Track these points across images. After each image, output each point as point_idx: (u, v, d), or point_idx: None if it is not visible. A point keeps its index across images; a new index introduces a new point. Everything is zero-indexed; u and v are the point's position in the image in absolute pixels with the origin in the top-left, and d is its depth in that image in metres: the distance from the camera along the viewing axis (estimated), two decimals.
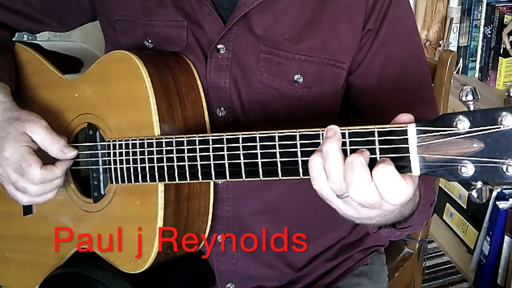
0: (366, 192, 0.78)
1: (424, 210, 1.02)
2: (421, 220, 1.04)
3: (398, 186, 0.77)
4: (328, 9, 1.13)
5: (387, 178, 0.77)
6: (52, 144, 1.12)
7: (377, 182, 0.77)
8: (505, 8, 2.31)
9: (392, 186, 0.77)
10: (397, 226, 1.00)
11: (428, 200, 1.04)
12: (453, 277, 2.47)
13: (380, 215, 0.85)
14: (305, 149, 0.86)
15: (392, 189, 0.77)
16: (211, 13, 1.14)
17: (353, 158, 0.78)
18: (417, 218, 1.00)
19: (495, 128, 0.71)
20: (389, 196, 0.77)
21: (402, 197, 0.78)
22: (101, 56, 1.20)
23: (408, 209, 0.95)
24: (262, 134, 0.90)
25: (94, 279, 1.15)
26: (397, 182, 0.77)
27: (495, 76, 2.37)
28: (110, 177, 1.13)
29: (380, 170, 0.77)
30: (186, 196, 1.11)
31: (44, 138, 1.12)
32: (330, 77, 1.16)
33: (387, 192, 0.77)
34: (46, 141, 1.12)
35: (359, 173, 0.77)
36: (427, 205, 1.04)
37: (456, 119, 0.73)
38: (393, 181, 0.77)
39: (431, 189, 1.06)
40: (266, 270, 1.26)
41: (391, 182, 0.77)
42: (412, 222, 1.00)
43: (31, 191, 1.12)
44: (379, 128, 0.79)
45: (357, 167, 0.78)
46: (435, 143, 0.75)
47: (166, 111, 1.08)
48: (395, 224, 1.00)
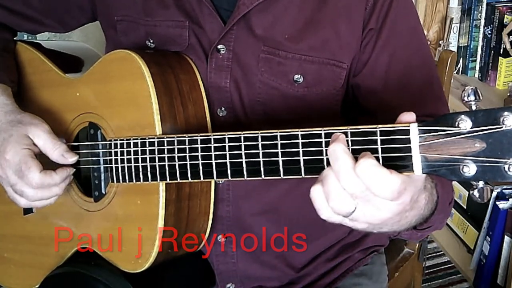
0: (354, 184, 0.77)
1: (443, 209, 1.00)
2: (441, 219, 1.02)
3: (382, 177, 0.75)
4: (328, 8, 1.13)
5: (368, 170, 0.75)
6: (54, 148, 1.12)
7: (361, 176, 0.75)
8: (505, 8, 2.31)
9: (376, 177, 0.75)
10: (418, 227, 0.97)
11: (447, 198, 1.03)
12: (453, 277, 2.47)
13: (392, 220, 0.82)
14: (307, 148, 0.86)
15: (376, 180, 0.75)
16: (211, 13, 1.14)
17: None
18: (437, 217, 0.98)
19: (497, 128, 0.71)
20: (376, 188, 0.75)
21: (390, 188, 0.76)
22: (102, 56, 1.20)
23: (428, 209, 0.93)
24: (264, 133, 0.90)
25: (95, 278, 1.15)
26: (380, 173, 0.75)
27: (495, 76, 2.37)
28: (111, 176, 1.13)
29: (361, 164, 0.75)
30: (187, 195, 1.11)
31: (46, 142, 1.12)
32: (330, 77, 1.16)
33: (373, 184, 0.75)
34: (47, 145, 1.12)
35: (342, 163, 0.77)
36: (446, 203, 1.02)
37: (458, 119, 0.73)
38: (376, 172, 0.75)
39: (448, 187, 1.04)
40: (266, 270, 1.27)
41: (374, 173, 0.75)
42: (432, 222, 0.98)
43: (28, 195, 1.11)
44: (381, 127, 0.79)
45: (339, 164, 0.77)
46: (437, 143, 0.75)
47: (167, 111, 1.08)
48: (415, 226, 0.96)
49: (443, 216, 1.02)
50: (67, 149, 1.13)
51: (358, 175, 0.76)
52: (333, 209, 0.79)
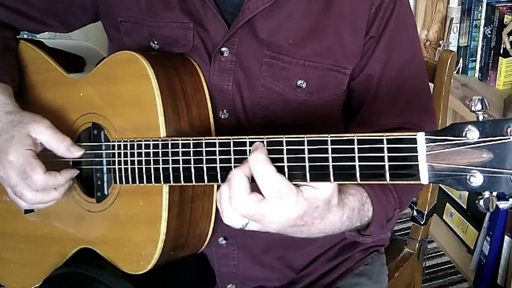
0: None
1: (381, 223, 1.06)
2: (380, 233, 1.09)
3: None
4: (332, 15, 1.14)
5: (253, 206, 0.87)
6: (59, 143, 1.12)
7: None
8: (505, 8, 2.31)
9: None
10: (362, 232, 1.06)
11: (385, 215, 1.07)
12: (453, 277, 2.47)
13: (290, 229, 0.92)
14: (312, 155, 0.86)
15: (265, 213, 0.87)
16: (215, 16, 1.14)
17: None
18: (374, 229, 1.05)
19: (505, 138, 0.71)
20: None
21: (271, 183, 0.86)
22: (104, 55, 1.19)
23: (351, 223, 0.99)
24: (270, 138, 0.90)
25: (96, 279, 1.15)
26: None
27: (495, 76, 2.37)
28: (114, 177, 1.12)
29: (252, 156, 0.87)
30: (190, 198, 1.11)
31: (50, 137, 1.12)
32: (333, 83, 1.17)
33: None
34: (52, 140, 1.12)
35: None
36: (383, 220, 1.07)
37: (466, 129, 0.73)
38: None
39: (387, 206, 1.08)
40: (267, 271, 1.27)
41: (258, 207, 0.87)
42: (370, 232, 1.05)
43: (27, 197, 1.11)
44: (388, 135, 0.80)
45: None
46: (444, 152, 0.75)
47: (172, 113, 1.08)
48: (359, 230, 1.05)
49: (383, 230, 1.09)
50: (72, 143, 1.13)
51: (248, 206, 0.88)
52: (225, 222, 0.92)
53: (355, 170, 0.82)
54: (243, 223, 0.91)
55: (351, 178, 0.83)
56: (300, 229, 0.92)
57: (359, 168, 0.81)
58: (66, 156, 1.13)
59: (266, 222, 0.89)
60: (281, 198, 0.86)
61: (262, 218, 0.88)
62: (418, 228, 1.62)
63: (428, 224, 1.63)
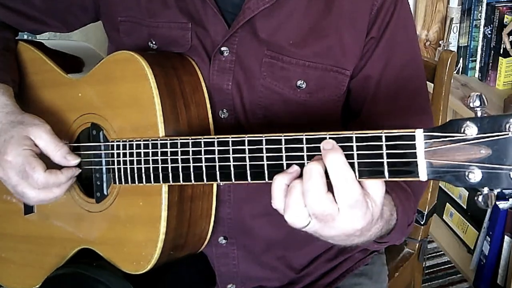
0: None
1: (402, 229, 1.05)
2: (398, 237, 1.07)
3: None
4: (332, 15, 1.14)
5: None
6: (56, 150, 1.12)
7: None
8: (505, 8, 2.30)
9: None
10: (377, 240, 1.02)
11: (406, 221, 1.06)
12: (453, 277, 2.47)
13: (339, 238, 0.88)
14: (311, 153, 0.85)
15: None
16: (216, 15, 1.14)
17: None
18: (394, 235, 1.03)
19: (503, 134, 0.71)
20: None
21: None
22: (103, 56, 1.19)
23: (382, 232, 0.97)
24: (269, 136, 0.90)
25: (96, 279, 1.14)
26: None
27: (495, 76, 2.37)
28: (113, 177, 1.12)
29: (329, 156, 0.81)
30: (190, 197, 1.11)
31: (48, 143, 1.11)
32: (332, 83, 1.17)
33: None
34: (49, 146, 1.11)
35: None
36: (404, 225, 1.06)
37: (464, 125, 0.73)
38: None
39: (409, 211, 1.07)
40: (267, 271, 1.27)
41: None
42: (389, 239, 1.04)
43: (29, 196, 1.11)
44: (386, 132, 0.79)
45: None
46: (442, 149, 0.75)
47: (170, 113, 1.08)
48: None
49: (401, 235, 1.07)
50: (69, 151, 1.13)
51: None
52: (287, 219, 0.86)
53: (354, 167, 0.81)
54: (306, 222, 0.85)
55: None
56: (350, 239, 0.89)
57: (357, 165, 0.81)
58: (62, 163, 1.12)
59: (331, 226, 0.84)
60: (354, 207, 0.82)
61: (331, 220, 0.82)
62: (418, 228, 1.62)
63: (428, 224, 1.63)
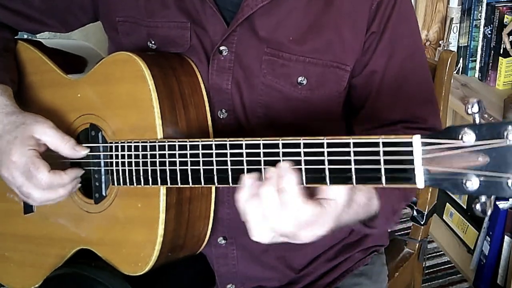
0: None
1: (386, 216, 1.06)
2: (384, 224, 1.07)
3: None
4: (332, 11, 1.13)
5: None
6: (64, 142, 1.12)
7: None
8: (505, 8, 2.30)
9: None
10: (367, 223, 1.05)
11: (391, 208, 1.07)
12: (453, 277, 2.47)
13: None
14: (309, 158, 0.85)
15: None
16: (215, 14, 1.14)
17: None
18: (381, 222, 1.04)
19: (501, 142, 0.70)
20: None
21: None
22: (104, 55, 1.19)
23: (363, 214, 0.99)
24: (266, 140, 0.90)
25: (95, 280, 1.15)
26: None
27: (495, 76, 2.36)
28: (112, 178, 1.12)
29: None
30: (188, 199, 1.10)
31: (54, 138, 1.12)
32: (333, 79, 1.16)
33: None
34: (56, 140, 1.12)
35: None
36: (389, 212, 1.06)
37: (462, 132, 0.72)
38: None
39: (393, 198, 1.07)
40: (266, 271, 1.27)
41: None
42: (376, 225, 1.05)
43: (35, 196, 1.11)
44: (384, 138, 0.79)
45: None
46: (440, 156, 0.74)
47: (169, 114, 1.08)
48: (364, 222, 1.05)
49: (386, 221, 1.08)
50: (76, 143, 1.14)
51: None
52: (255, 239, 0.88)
53: (351, 173, 0.81)
54: (271, 237, 0.89)
55: (347, 181, 0.82)
56: (325, 235, 0.91)
57: (355, 171, 0.81)
58: (72, 155, 1.13)
59: (298, 239, 0.88)
60: (311, 224, 0.85)
61: (293, 236, 0.87)
62: (418, 228, 1.62)
63: (428, 224, 1.63)
